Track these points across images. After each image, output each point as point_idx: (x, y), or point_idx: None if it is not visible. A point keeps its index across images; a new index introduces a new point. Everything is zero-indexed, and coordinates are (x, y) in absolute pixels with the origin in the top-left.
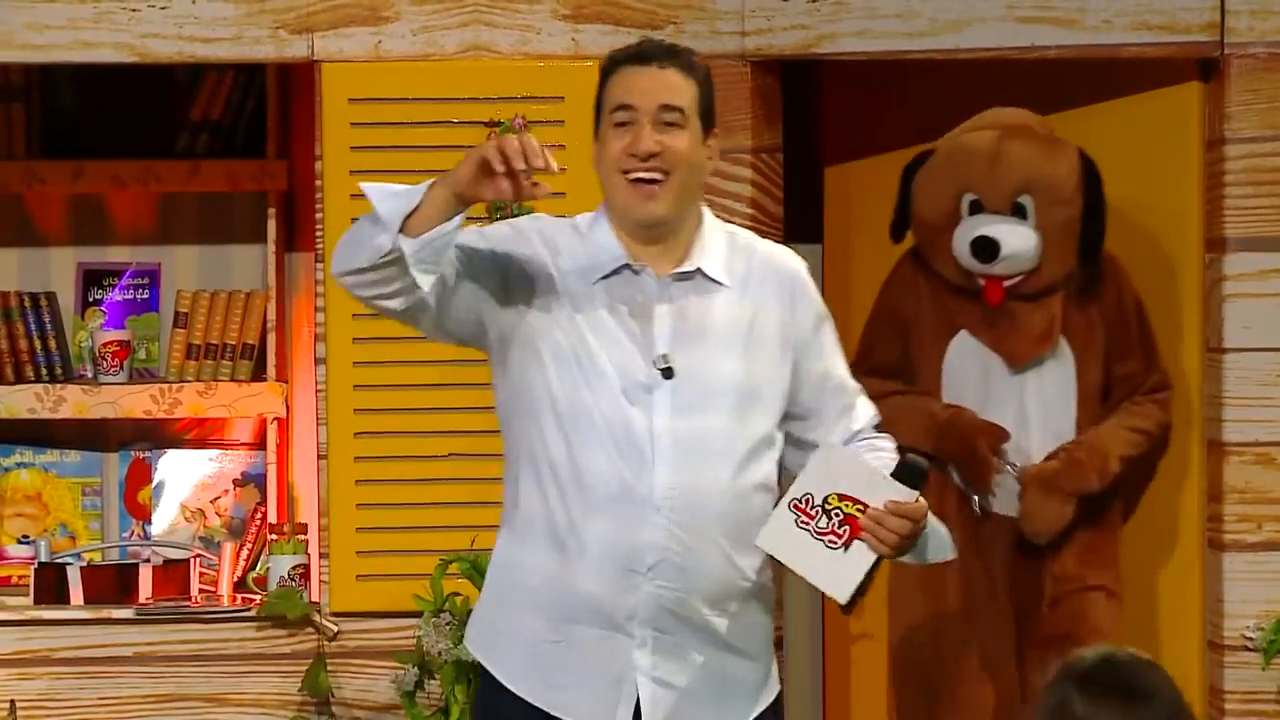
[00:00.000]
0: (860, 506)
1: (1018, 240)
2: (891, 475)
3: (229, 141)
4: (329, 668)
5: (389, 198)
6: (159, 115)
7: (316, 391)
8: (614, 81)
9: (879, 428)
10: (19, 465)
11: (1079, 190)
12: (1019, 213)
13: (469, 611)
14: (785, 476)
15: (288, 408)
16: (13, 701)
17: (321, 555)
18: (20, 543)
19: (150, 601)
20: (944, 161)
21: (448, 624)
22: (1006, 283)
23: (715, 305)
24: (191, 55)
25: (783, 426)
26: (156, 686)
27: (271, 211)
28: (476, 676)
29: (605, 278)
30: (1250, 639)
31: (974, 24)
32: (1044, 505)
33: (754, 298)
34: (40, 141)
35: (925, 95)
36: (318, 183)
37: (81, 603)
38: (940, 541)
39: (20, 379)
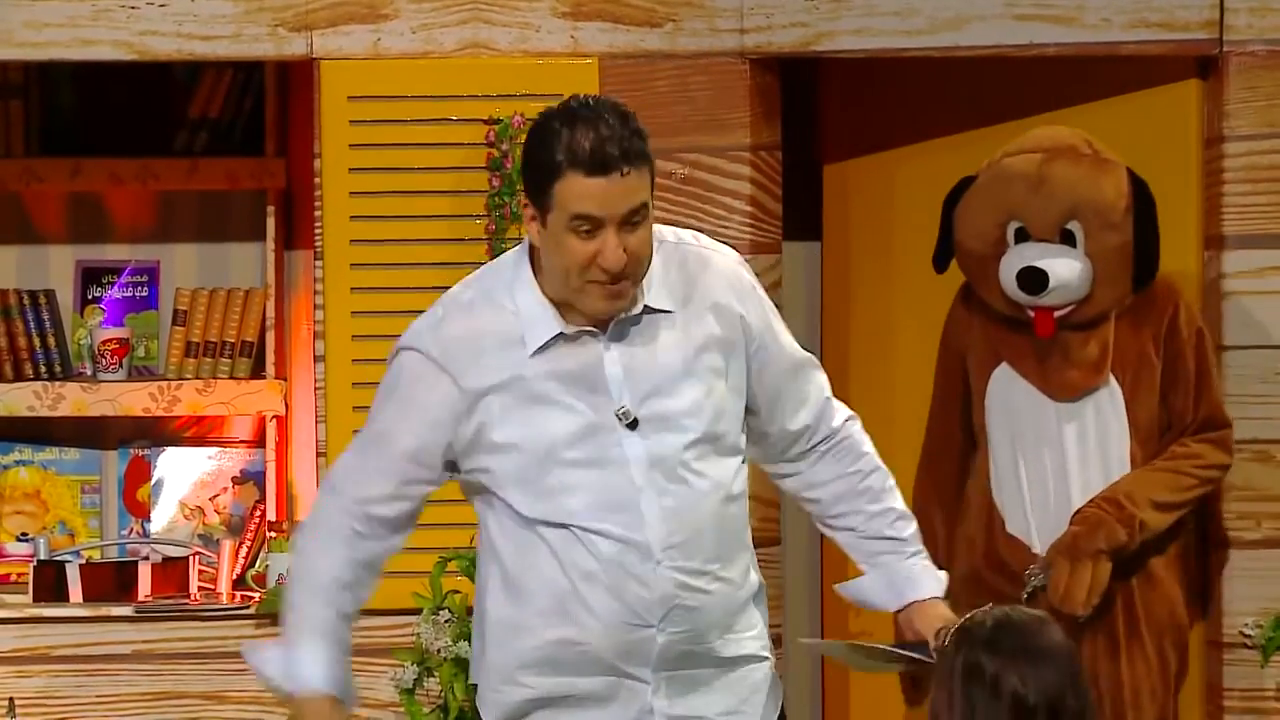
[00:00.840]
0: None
1: (1066, 270)
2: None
3: (228, 139)
4: None
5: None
6: (158, 113)
7: (315, 389)
8: (570, 189)
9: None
10: (18, 463)
11: (1129, 212)
12: (1068, 240)
13: (468, 609)
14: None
15: (287, 405)
16: (11, 699)
17: None
18: (19, 540)
19: (149, 599)
20: (986, 188)
21: (446, 621)
22: (1057, 313)
23: (660, 336)
24: (190, 53)
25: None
26: (155, 684)
27: (270, 209)
28: None
29: (541, 349)
30: (1249, 636)
31: (972, 22)
32: (1073, 577)
33: (696, 312)
34: (39, 139)
35: (924, 93)
36: (316, 180)
37: (80, 600)
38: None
39: (19, 376)
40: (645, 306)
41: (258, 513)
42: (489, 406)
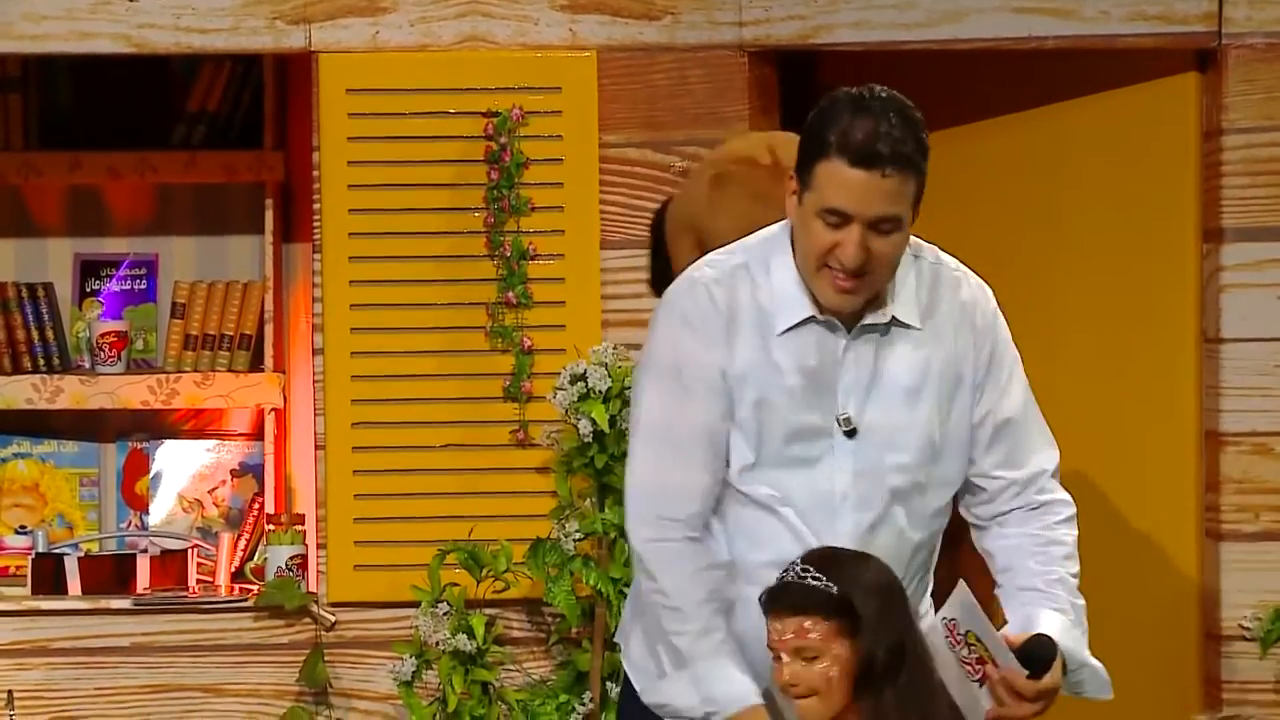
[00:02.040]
0: (991, 658)
1: None
2: (1020, 647)
3: (226, 132)
4: (326, 658)
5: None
6: (156, 106)
7: (314, 382)
8: (830, 173)
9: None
10: (16, 455)
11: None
12: None
13: (466, 601)
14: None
15: (285, 398)
16: (10, 692)
17: (319, 545)
18: (18, 533)
19: (148, 592)
20: (676, 210)
21: (445, 614)
22: None
23: (896, 350)
24: (188, 46)
25: None
26: (154, 676)
27: (269, 202)
28: (474, 666)
29: (791, 329)
30: (1247, 629)
31: (971, 15)
32: None
33: (936, 335)
34: (37, 133)
35: (922, 86)
36: (315, 173)
37: (79, 593)
38: (1096, 679)
39: (18, 369)
40: (893, 318)
41: (256, 505)
42: (739, 385)
